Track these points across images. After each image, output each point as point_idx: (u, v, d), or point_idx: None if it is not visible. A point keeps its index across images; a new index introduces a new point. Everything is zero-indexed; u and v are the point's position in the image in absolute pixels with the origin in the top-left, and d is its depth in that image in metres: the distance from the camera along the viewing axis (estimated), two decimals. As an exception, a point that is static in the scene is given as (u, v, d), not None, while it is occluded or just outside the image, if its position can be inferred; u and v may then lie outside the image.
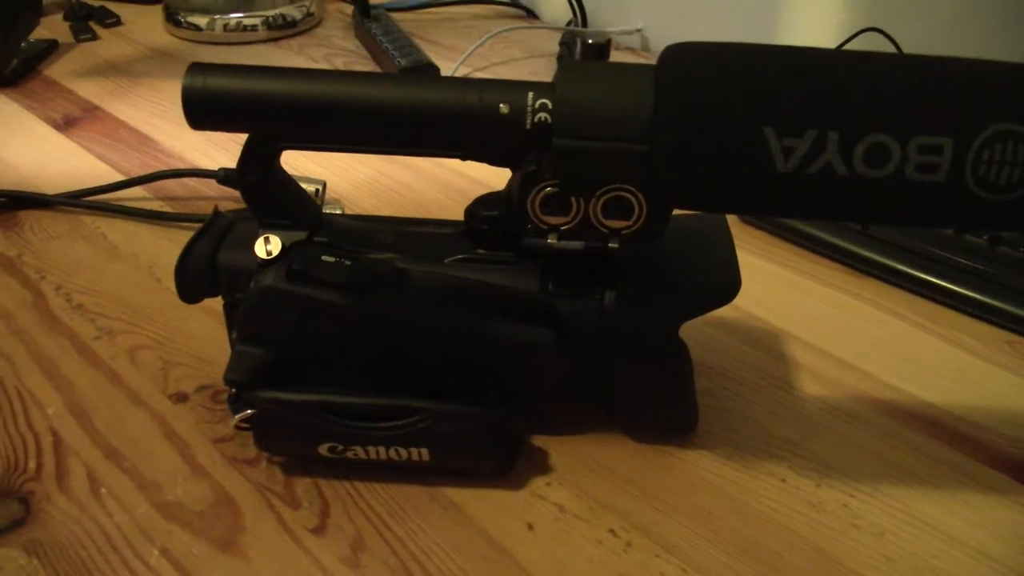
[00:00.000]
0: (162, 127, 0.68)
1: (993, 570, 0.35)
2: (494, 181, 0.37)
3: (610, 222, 0.34)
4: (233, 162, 0.36)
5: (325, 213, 0.39)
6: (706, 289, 0.37)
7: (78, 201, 0.58)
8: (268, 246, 0.36)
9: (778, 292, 0.51)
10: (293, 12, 0.87)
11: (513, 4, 0.95)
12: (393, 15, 0.88)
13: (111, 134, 0.67)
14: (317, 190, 0.55)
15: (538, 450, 0.40)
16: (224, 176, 0.51)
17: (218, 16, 0.85)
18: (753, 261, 0.54)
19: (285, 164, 0.37)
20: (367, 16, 0.84)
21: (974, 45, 0.68)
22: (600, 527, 0.37)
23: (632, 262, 0.36)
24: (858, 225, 0.53)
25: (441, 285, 0.37)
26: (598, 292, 0.36)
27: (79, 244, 0.54)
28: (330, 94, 0.33)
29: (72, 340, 0.46)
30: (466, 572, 0.35)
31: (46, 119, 0.70)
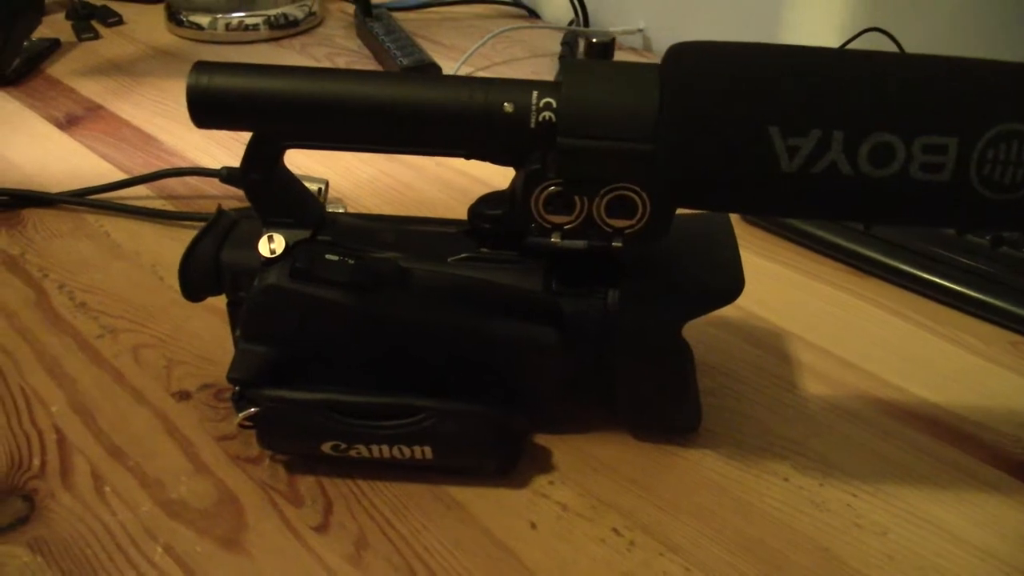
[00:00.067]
0: (164, 126, 0.68)
1: (996, 569, 0.35)
2: (496, 180, 0.37)
3: (614, 221, 0.34)
4: (235, 161, 0.36)
5: (328, 212, 0.39)
6: (710, 289, 0.37)
7: (81, 200, 0.58)
8: (272, 245, 0.36)
9: (781, 292, 0.51)
10: (295, 11, 0.87)
11: (515, 4, 0.95)
12: (395, 14, 0.88)
13: (114, 133, 0.67)
14: (320, 189, 0.55)
15: (541, 449, 0.40)
16: (227, 175, 0.52)
17: (220, 15, 0.85)
18: (756, 261, 0.54)
19: (287, 163, 0.37)
20: (369, 15, 0.85)
21: (975, 45, 0.68)
22: (603, 526, 0.37)
23: (635, 261, 0.36)
24: (861, 225, 0.53)
25: (444, 284, 0.37)
26: (601, 291, 0.36)
27: (82, 243, 0.54)
28: (335, 93, 0.33)
29: (75, 338, 0.46)
30: (469, 570, 0.35)
31: (49, 118, 0.70)
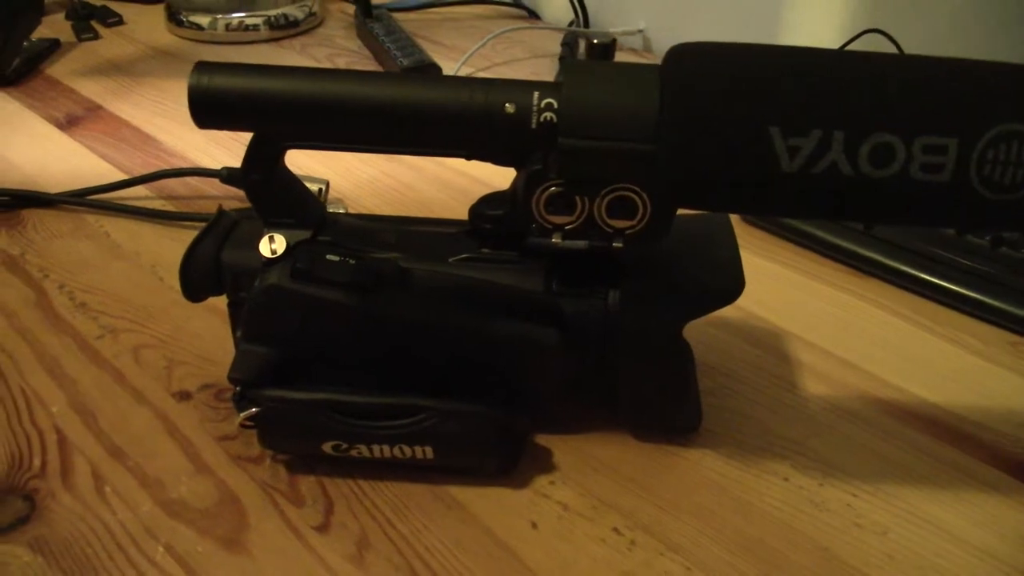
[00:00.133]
0: (164, 126, 0.68)
1: (996, 568, 0.35)
2: (496, 181, 0.37)
3: (614, 222, 0.34)
4: (235, 161, 0.36)
5: (329, 213, 0.40)
6: (710, 289, 0.37)
7: (81, 200, 0.58)
8: (272, 245, 0.36)
9: (781, 292, 0.51)
10: (295, 12, 0.88)
11: (515, 4, 0.95)
12: (395, 15, 0.88)
13: (113, 133, 0.67)
14: (320, 189, 0.55)
15: (542, 449, 0.40)
16: (227, 175, 0.52)
17: (220, 16, 0.85)
18: (756, 261, 0.54)
19: (288, 164, 0.37)
20: (369, 16, 0.85)
21: (975, 46, 0.68)
22: (604, 526, 0.37)
23: (636, 262, 0.36)
24: (861, 225, 0.53)
25: (445, 284, 0.37)
26: (602, 292, 0.36)
27: (82, 243, 0.54)
28: (336, 93, 0.33)
29: (75, 339, 0.46)
30: (470, 570, 0.35)
31: (48, 118, 0.70)
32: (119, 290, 0.50)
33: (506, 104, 0.32)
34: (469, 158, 0.35)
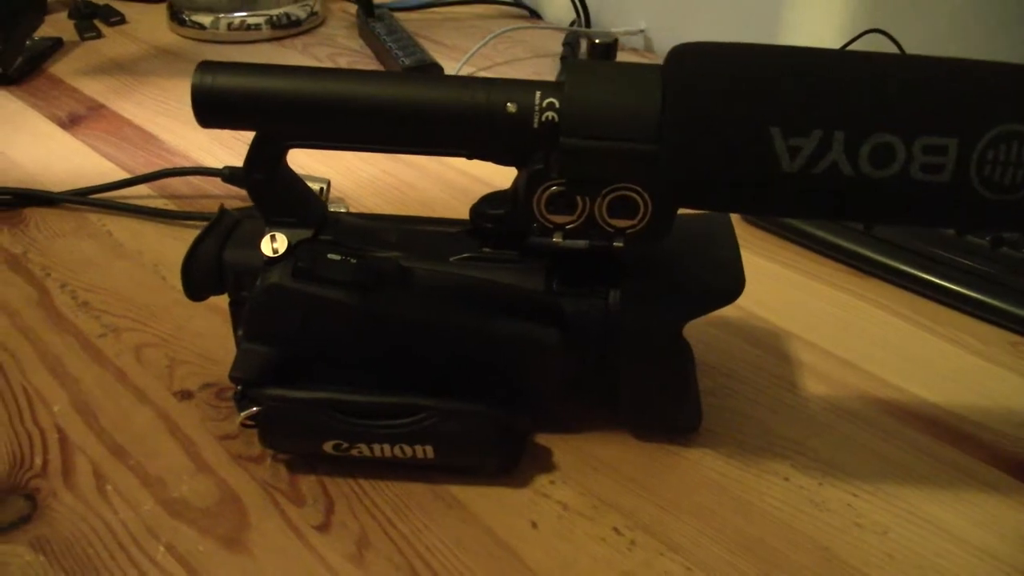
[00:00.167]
0: (167, 125, 0.68)
1: (996, 568, 0.35)
2: (498, 180, 0.37)
3: (615, 221, 0.34)
4: (237, 160, 0.36)
5: (330, 212, 0.40)
6: (710, 289, 0.37)
7: (83, 199, 0.58)
8: (274, 244, 0.36)
9: (781, 292, 0.51)
10: (297, 11, 0.88)
11: (517, 4, 0.95)
12: (397, 15, 0.88)
13: (116, 132, 0.68)
14: (321, 189, 0.55)
15: (542, 448, 0.40)
16: (230, 174, 0.52)
17: (222, 15, 0.85)
18: (756, 261, 0.54)
19: (290, 163, 0.37)
20: (371, 15, 0.85)
21: (975, 46, 0.68)
22: (604, 525, 0.37)
23: (637, 261, 0.36)
24: (861, 225, 0.53)
25: (446, 283, 0.37)
26: (603, 291, 0.36)
27: (84, 242, 0.54)
28: (338, 93, 0.33)
29: (77, 337, 0.46)
30: (471, 569, 0.35)
31: (51, 117, 0.70)
32: (121, 289, 0.50)
33: (508, 103, 0.32)
34: (470, 157, 0.35)
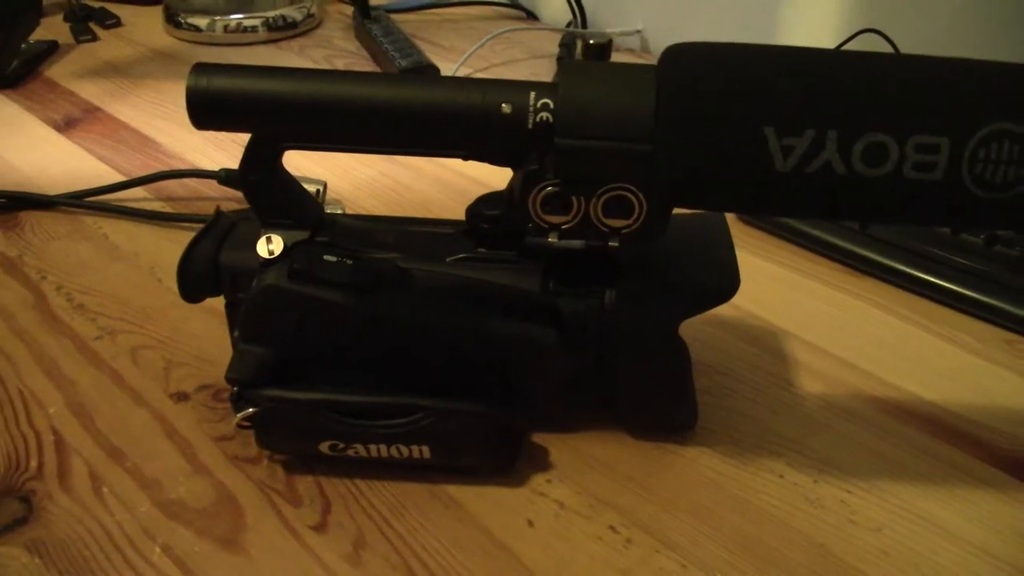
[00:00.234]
0: (162, 128, 0.68)
1: (991, 566, 0.35)
2: (494, 181, 0.37)
3: (611, 221, 0.34)
4: (233, 163, 0.36)
5: (327, 213, 0.40)
6: (706, 287, 0.37)
7: (79, 202, 0.58)
8: (270, 246, 0.36)
9: (777, 291, 0.51)
10: (293, 13, 0.88)
11: (513, 5, 0.95)
12: (393, 16, 0.89)
13: (111, 135, 0.68)
14: (318, 190, 0.55)
15: (538, 447, 0.40)
16: (226, 176, 0.52)
17: (218, 17, 0.85)
18: (752, 260, 0.54)
19: (286, 164, 0.37)
20: (367, 17, 0.85)
21: (972, 46, 0.68)
22: (600, 524, 0.37)
23: (632, 261, 0.36)
24: (857, 225, 0.53)
25: (443, 284, 0.37)
26: (599, 291, 0.36)
27: (80, 244, 0.54)
28: (335, 94, 0.33)
29: (73, 340, 0.46)
30: (468, 569, 0.35)
31: (47, 120, 0.70)
32: (117, 291, 0.50)
33: (503, 104, 0.32)
34: (466, 158, 0.35)
